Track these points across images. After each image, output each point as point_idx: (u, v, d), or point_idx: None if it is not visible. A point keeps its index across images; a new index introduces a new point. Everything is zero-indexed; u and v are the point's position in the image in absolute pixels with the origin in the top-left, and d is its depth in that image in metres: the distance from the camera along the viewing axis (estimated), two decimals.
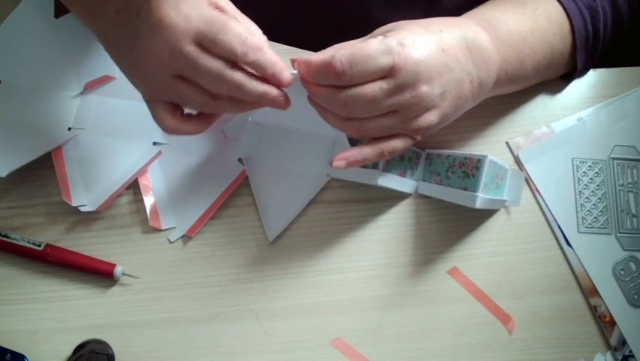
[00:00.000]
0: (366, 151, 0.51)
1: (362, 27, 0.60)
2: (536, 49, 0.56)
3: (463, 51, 0.50)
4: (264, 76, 0.47)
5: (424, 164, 0.59)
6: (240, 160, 0.59)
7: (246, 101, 0.49)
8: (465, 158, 0.55)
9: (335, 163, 0.51)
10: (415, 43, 0.48)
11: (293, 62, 0.50)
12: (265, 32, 0.50)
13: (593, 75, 0.63)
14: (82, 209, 0.56)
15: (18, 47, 0.62)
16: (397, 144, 0.51)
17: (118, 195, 0.58)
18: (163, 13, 0.46)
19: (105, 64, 0.61)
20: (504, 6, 0.57)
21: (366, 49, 0.47)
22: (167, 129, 0.51)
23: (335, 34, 0.64)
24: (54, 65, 0.61)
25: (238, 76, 0.47)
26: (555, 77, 0.61)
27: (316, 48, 0.53)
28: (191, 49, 0.46)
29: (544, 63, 0.57)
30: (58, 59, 0.61)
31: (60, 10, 0.62)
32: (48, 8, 0.63)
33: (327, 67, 0.47)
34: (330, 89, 0.49)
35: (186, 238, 0.58)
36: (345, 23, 0.63)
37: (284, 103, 0.49)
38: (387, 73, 0.47)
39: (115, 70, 0.60)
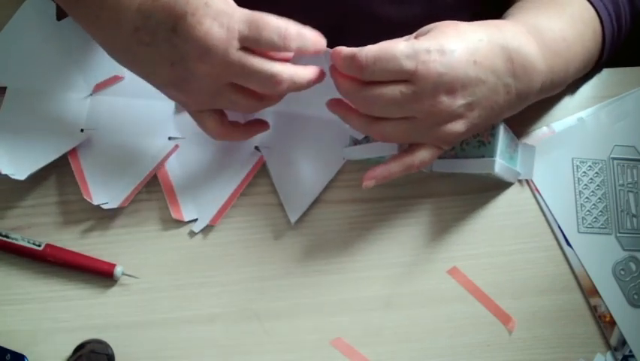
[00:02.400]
0: (393, 167, 0.52)
1: (363, 23, 0.60)
2: (578, 55, 0.56)
3: (504, 62, 0.49)
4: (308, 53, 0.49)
5: None
6: (256, 148, 0.60)
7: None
8: None
9: (365, 183, 0.52)
10: (444, 53, 0.47)
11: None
12: None
13: (592, 75, 0.63)
14: (104, 207, 0.56)
15: (21, 52, 0.61)
16: (424, 155, 0.51)
17: (138, 190, 0.58)
18: (207, 28, 0.46)
19: (113, 64, 0.60)
20: (547, 11, 0.56)
21: (393, 49, 0.47)
22: (216, 136, 0.54)
23: (336, 31, 0.64)
24: (60, 68, 0.61)
25: (289, 70, 0.48)
26: (581, 76, 0.61)
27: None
28: (239, 54, 0.47)
29: (581, 67, 0.57)
30: (64, 62, 0.61)
31: (62, 13, 0.62)
32: (49, 11, 0.62)
33: (353, 58, 0.48)
34: (353, 84, 0.49)
35: (186, 237, 0.58)
36: (346, 19, 0.63)
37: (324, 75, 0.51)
38: (409, 77, 0.47)
39: (124, 70, 0.60)
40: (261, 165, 0.60)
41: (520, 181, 0.60)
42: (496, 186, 0.59)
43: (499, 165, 0.53)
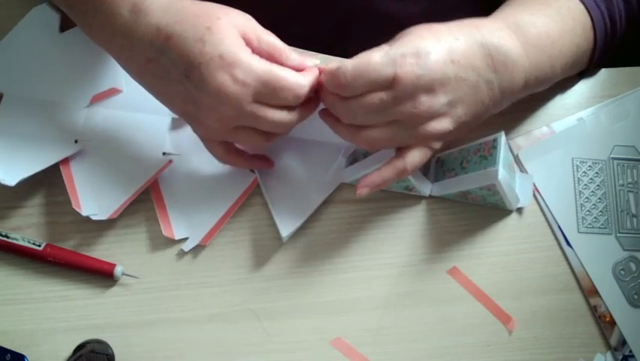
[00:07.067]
0: (385, 172, 0.52)
1: (365, 20, 0.60)
2: (565, 51, 0.55)
3: (484, 59, 0.50)
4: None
5: (435, 167, 0.59)
6: (251, 170, 0.59)
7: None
8: (479, 144, 0.55)
9: (358, 192, 0.52)
10: (420, 55, 0.48)
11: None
12: (267, 29, 0.51)
13: (592, 75, 0.63)
14: (93, 217, 0.56)
15: (21, 60, 0.61)
16: (414, 156, 0.52)
17: (129, 203, 0.57)
18: (220, 82, 0.47)
19: (112, 77, 0.60)
20: (531, 7, 0.56)
21: (369, 61, 0.48)
22: (222, 162, 0.55)
23: (338, 29, 0.64)
24: (59, 78, 0.61)
25: (298, 116, 0.50)
26: (574, 74, 0.61)
27: (320, 44, 0.54)
28: (252, 107, 0.48)
29: (570, 63, 0.57)
30: (64, 73, 0.61)
31: (65, 25, 0.62)
32: (53, 22, 0.62)
33: (333, 78, 0.49)
34: (335, 97, 0.50)
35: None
36: (349, 17, 0.63)
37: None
38: (389, 84, 0.48)
39: (122, 83, 0.59)
40: (255, 186, 0.59)
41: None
42: None
43: (503, 175, 0.53)
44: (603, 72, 0.63)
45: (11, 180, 0.55)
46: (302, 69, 0.50)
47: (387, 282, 0.57)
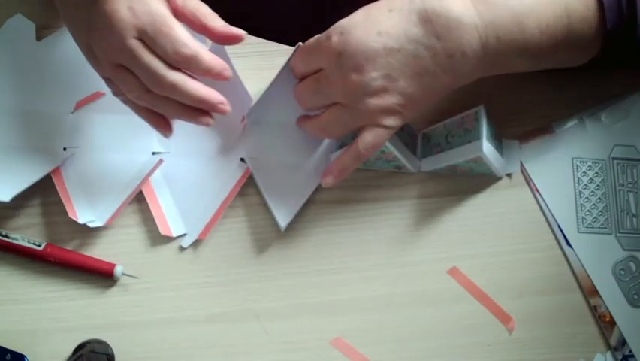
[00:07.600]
0: (343, 158, 0.53)
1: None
2: (540, 9, 0.49)
3: (422, 25, 0.48)
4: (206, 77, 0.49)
5: (422, 143, 0.60)
6: (242, 160, 0.59)
7: (185, 108, 0.50)
8: (462, 117, 0.56)
9: (324, 181, 0.54)
10: (343, 33, 0.48)
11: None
12: (255, 15, 0.51)
13: (593, 75, 0.62)
14: (90, 225, 0.56)
15: (0, 72, 0.60)
16: (365, 138, 0.51)
17: (124, 208, 0.57)
18: (116, 6, 0.47)
19: (94, 81, 0.59)
20: None
21: (304, 46, 0.50)
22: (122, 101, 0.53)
23: (327, 12, 0.64)
24: (41, 86, 0.60)
25: (174, 77, 0.48)
26: (591, 52, 0.54)
27: (307, 28, 0.53)
28: (134, 43, 0.47)
29: (558, 28, 0.50)
30: (45, 81, 0.60)
31: (41, 33, 0.62)
32: (29, 31, 0.62)
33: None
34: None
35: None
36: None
37: (224, 110, 0.50)
38: (321, 65, 0.50)
39: (105, 86, 0.59)
40: (248, 176, 0.59)
41: (520, 182, 0.59)
42: (496, 186, 0.59)
43: (487, 147, 0.54)
44: (603, 72, 0.63)
45: (6, 197, 0.55)
46: (229, 36, 0.49)
47: (387, 282, 0.57)
